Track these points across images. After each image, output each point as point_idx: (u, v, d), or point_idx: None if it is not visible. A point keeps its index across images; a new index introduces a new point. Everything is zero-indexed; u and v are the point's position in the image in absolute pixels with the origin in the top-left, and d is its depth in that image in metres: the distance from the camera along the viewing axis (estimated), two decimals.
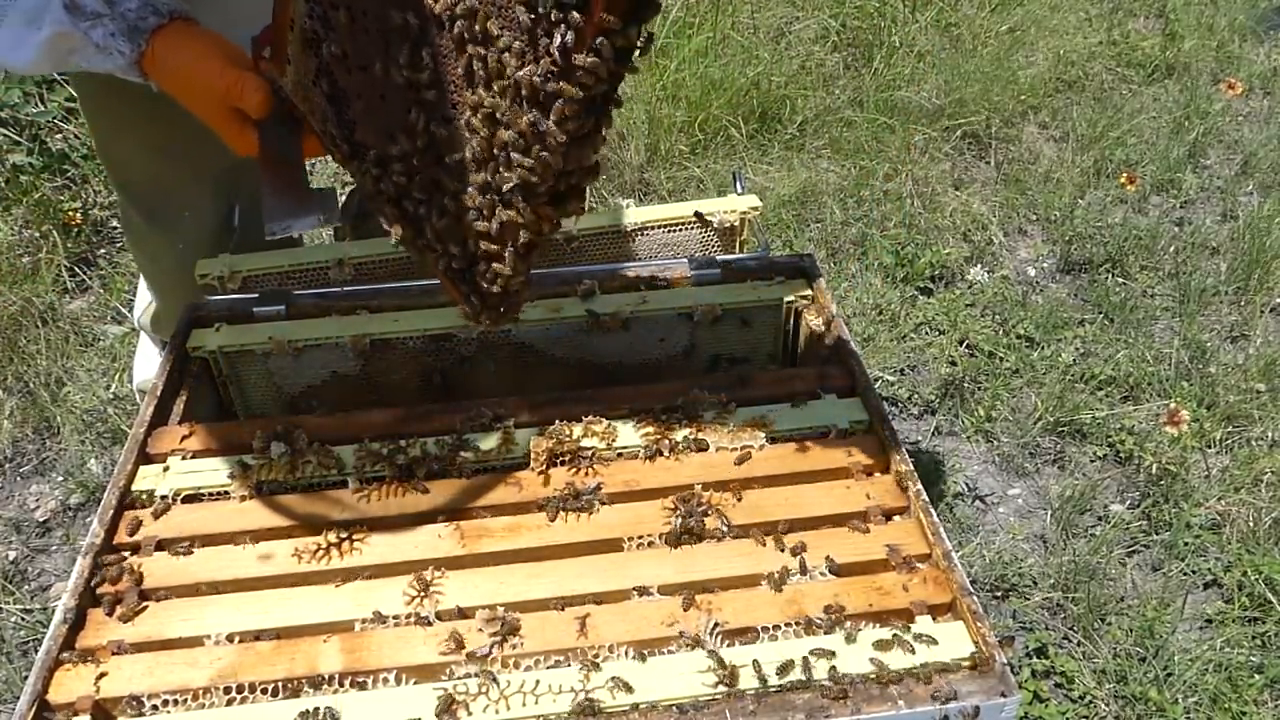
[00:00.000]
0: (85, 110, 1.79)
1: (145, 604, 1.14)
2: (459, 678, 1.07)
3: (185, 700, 1.06)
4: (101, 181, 3.02)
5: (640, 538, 1.21)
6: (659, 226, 1.79)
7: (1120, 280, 2.94)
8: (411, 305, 1.57)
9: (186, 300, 1.60)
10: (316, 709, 1.03)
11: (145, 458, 1.34)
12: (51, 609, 2.01)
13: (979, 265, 3.00)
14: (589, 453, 1.31)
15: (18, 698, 1.07)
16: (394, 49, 1.10)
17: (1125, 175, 3.29)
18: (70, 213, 2.86)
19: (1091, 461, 2.41)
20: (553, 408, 1.38)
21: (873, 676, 1.05)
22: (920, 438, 2.46)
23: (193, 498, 1.28)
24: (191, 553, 1.21)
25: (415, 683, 1.07)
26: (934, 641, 1.08)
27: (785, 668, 1.05)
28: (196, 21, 1.25)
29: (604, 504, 1.25)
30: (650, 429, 1.33)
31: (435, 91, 1.10)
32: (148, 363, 2.20)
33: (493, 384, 1.61)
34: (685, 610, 1.12)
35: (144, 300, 2.11)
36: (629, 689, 1.04)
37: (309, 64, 1.19)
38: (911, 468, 1.28)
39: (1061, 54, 3.87)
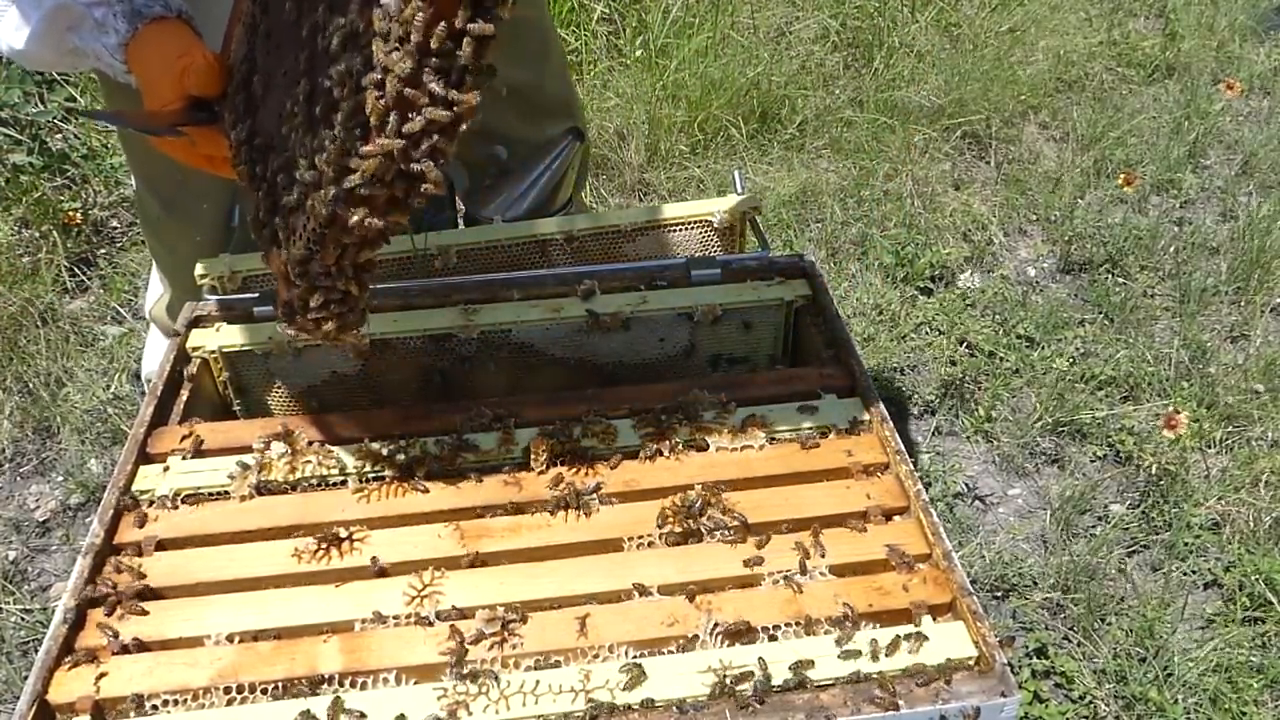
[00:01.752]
0: (111, 101, 1.79)
1: (145, 604, 1.14)
2: (459, 678, 1.07)
3: (185, 700, 1.06)
4: (101, 181, 3.02)
5: (640, 538, 1.21)
6: (659, 226, 1.79)
7: (1120, 280, 2.94)
8: (411, 305, 1.57)
9: (201, 291, 1.62)
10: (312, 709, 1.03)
11: (145, 458, 1.34)
12: (51, 609, 2.01)
13: (979, 265, 3.00)
14: (589, 453, 1.31)
15: (18, 698, 1.07)
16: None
17: (1125, 175, 3.29)
18: (70, 213, 2.86)
19: (1091, 462, 2.41)
20: (553, 408, 1.38)
21: (872, 677, 1.05)
22: (920, 438, 2.46)
23: (193, 498, 1.28)
24: (191, 553, 1.21)
25: (415, 683, 1.07)
26: (934, 642, 1.08)
27: (785, 668, 1.05)
28: (195, 28, 1.27)
29: (604, 504, 1.25)
30: (650, 429, 1.33)
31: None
32: (157, 353, 2.21)
33: (493, 384, 1.61)
34: (685, 610, 1.12)
35: (156, 291, 2.11)
36: (629, 689, 1.04)
37: (241, 49, 1.21)
38: (911, 468, 1.28)
39: (1061, 54, 3.88)
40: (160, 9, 1.24)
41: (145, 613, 1.13)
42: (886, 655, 1.07)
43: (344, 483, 1.29)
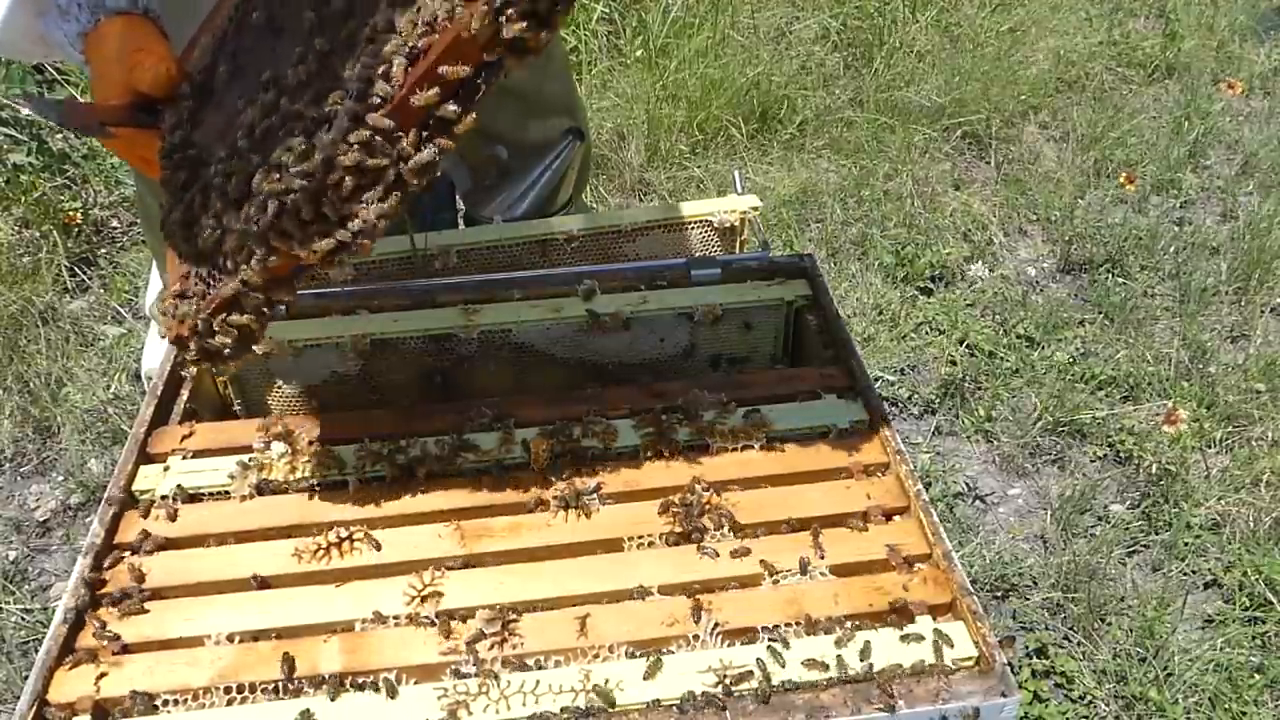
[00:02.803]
0: None
1: (145, 604, 1.14)
2: (459, 678, 1.07)
3: (185, 700, 1.06)
4: (101, 181, 3.02)
5: (640, 538, 1.21)
6: (659, 226, 1.79)
7: (1120, 280, 2.94)
8: (411, 305, 1.57)
9: None
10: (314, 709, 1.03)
11: (145, 458, 1.34)
12: (51, 609, 2.01)
13: (979, 265, 3.00)
14: (589, 453, 1.31)
15: (18, 698, 1.07)
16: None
17: (1125, 175, 3.29)
18: (70, 213, 2.86)
19: (1091, 461, 2.41)
20: (553, 408, 1.38)
21: (872, 677, 1.05)
22: (920, 438, 2.46)
23: (193, 498, 1.28)
24: (191, 553, 1.21)
25: (415, 683, 1.07)
26: (934, 641, 1.08)
27: (785, 668, 1.05)
28: (161, 27, 1.27)
29: (604, 504, 1.25)
30: (650, 429, 1.33)
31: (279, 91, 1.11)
32: (158, 349, 2.21)
33: (493, 384, 1.61)
34: (685, 610, 1.12)
35: (156, 287, 2.12)
36: (629, 689, 1.04)
37: (204, 59, 1.23)
38: (911, 468, 1.28)
39: (1061, 54, 3.88)
40: (125, 4, 1.24)
41: (146, 612, 1.13)
42: (886, 655, 1.07)
43: (344, 483, 1.29)
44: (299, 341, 1.52)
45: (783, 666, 1.05)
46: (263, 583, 1.17)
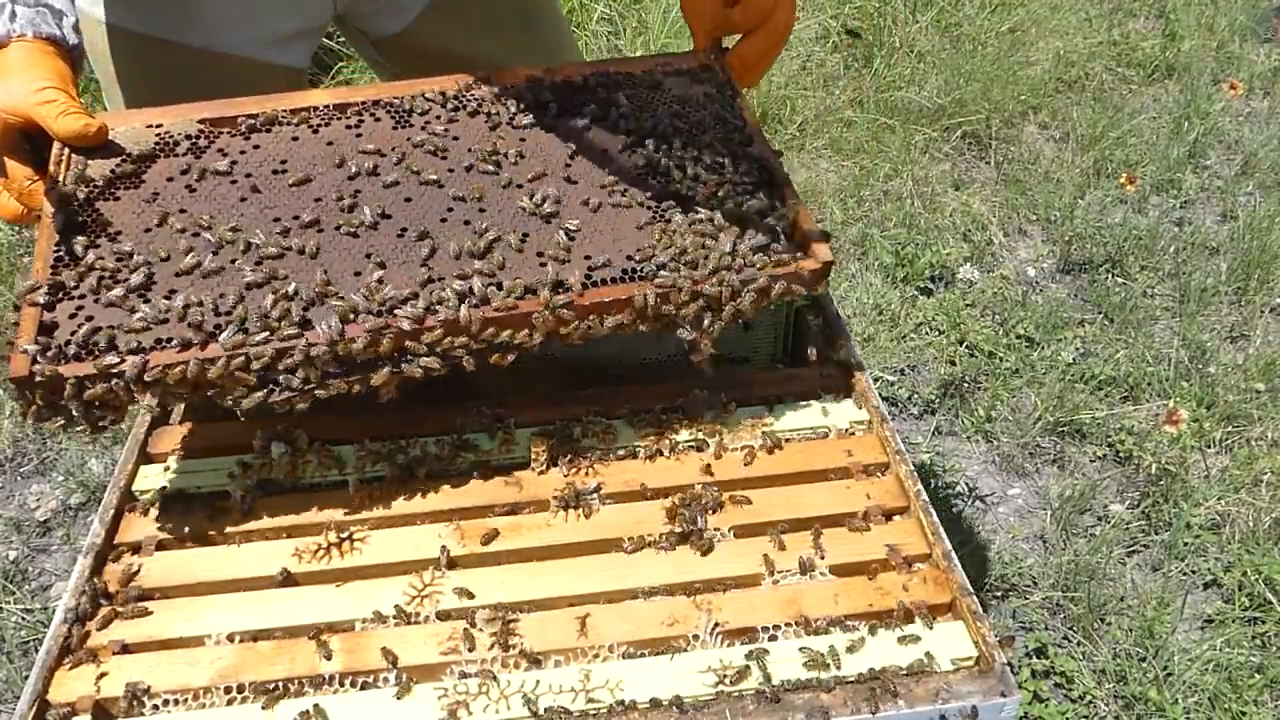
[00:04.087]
0: (113, 104, 1.78)
1: (146, 604, 1.14)
2: (459, 678, 1.07)
3: (186, 700, 1.06)
4: None
5: (640, 538, 1.21)
6: None
7: (1120, 280, 2.94)
8: None
9: None
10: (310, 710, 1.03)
11: (146, 457, 1.33)
12: (52, 609, 2.02)
13: (979, 265, 3.00)
14: (589, 453, 1.31)
15: (18, 698, 1.07)
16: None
17: (1125, 175, 3.29)
18: None
19: (1091, 461, 2.41)
20: (553, 408, 1.38)
21: (872, 676, 1.05)
22: (920, 438, 2.46)
23: (193, 497, 1.28)
24: (191, 553, 1.21)
25: (415, 683, 1.07)
26: (934, 641, 1.08)
27: (785, 668, 1.05)
28: (69, 54, 1.23)
29: (604, 504, 1.25)
30: (650, 429, 1.33)
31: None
32: None
33: (493, 384, 1.61)
34: (685, 610, 1.12)
35: None
36: (629, 689, 1.04)
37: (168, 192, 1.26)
38: (911, 468, 1.28)
39: (1061, 54, 3.88)
40: (49, 29, 1.19)
41: (146, 613, 1.13)
42: (886, 655, 1.07)
43: (344, 483, 1.29)
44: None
45: (783, 667, 1.06)
46: (263, 583, 1.17)
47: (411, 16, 1.71)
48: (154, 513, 1.25)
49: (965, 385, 2.56)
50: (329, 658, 1.09)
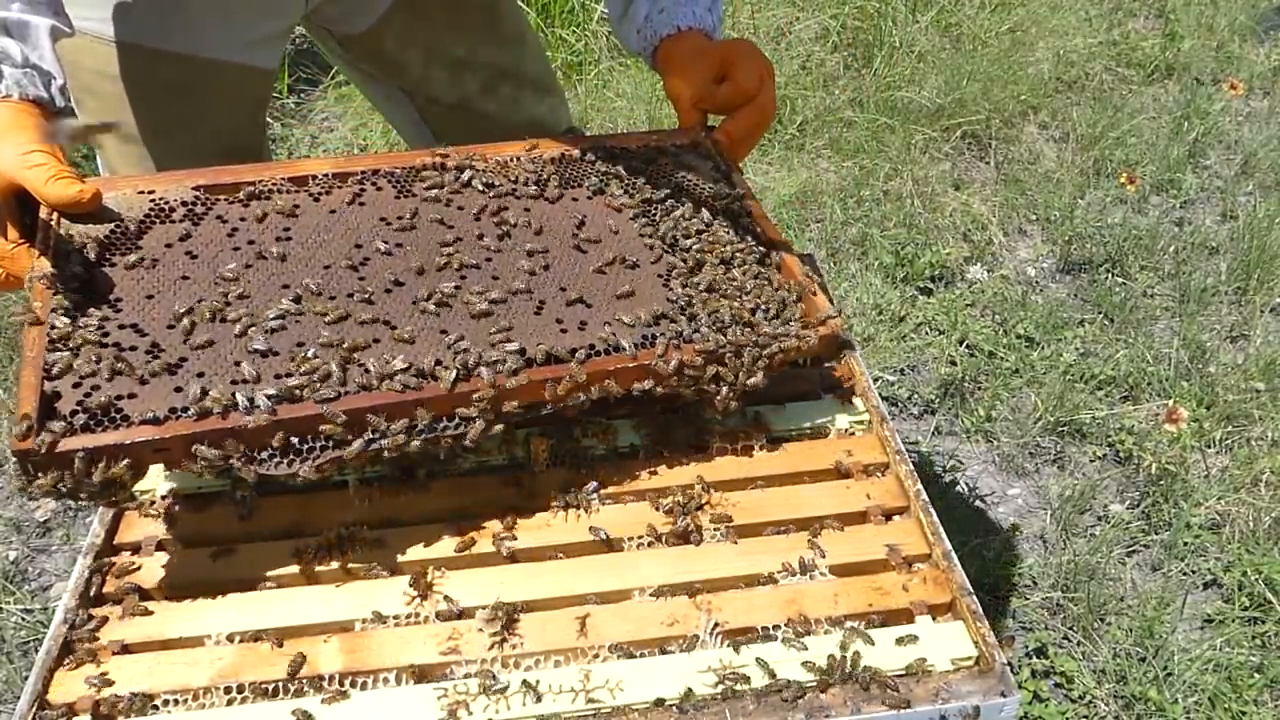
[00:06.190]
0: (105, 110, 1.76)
1: (146, 604, 1.14)
2: (459, 678, 1.07)
3: (185, 700, 1.06)
4: None
5: (640, 538, 1.21)
6: None
7: (1120, 280, 2.94)
8: None
9: None
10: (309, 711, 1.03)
11: None
12: (51, 609, 2.02)
13: (979, 265, 3.00)
14: (589, 453, 1.31)
15: (18, 698, 1.07)
16: None
17: (1125, 175, 3.30)
18: None
19: (1091, 461, 2.41)
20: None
21: (872, 676, 1.05)
22: (920, 438, 2.47)
23: (193, 497, 1.28)
24: (191, 553, 1.21)
25: (415, 683, 1.07)
26: (933, 641, 1.08)
27: (785, 668, 1.05)
28: (56, 117, 1.20)
29: (604, 504, 1.25)
30: (650, 429, 1.34)
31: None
32: None
33: None
34: (685, 610, 1.13)
35: None
36: (629, 689, 1.04)
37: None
38: (911, 468, 1.28)
39: (1061, 54, 3.88)
40: (37, 92, 1.17)
41: (146, 613, 1.13)
42: (886, 655, 1.07)
43: (344, 483, 1.29)
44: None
45: (783, 667, 1.06)
46: (286, 579, 1.17)
47: (376, 15, 1.72)
48: (154, 513, 1.25)
49: (965, 385, 2.56)
50: (329, 658, 1.09)
